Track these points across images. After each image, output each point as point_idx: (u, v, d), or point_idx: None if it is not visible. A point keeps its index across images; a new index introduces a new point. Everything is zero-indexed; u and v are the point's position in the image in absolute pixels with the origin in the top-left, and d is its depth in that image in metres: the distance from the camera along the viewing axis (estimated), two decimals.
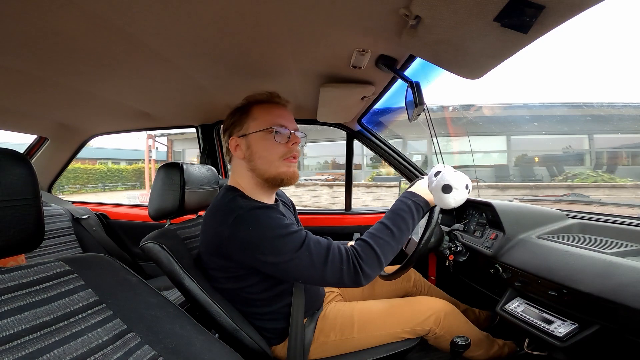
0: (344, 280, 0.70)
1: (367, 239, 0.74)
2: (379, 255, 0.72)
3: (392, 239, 0.74)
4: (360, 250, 0.72)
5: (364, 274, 0.70)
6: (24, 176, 0.44)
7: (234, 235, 0.71)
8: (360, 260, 0.70)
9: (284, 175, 0.81)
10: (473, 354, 0.96)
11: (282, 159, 0.81)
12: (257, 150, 0.81)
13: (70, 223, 1.58)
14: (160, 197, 0.98)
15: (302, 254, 0.68)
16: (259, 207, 0.75)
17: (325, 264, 0.69)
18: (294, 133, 0.83)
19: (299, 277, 0.71)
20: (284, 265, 0.69)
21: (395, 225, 0.76)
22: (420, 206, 0.81)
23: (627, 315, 0.62)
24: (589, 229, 0.97)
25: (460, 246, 1.09)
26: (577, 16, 0.46)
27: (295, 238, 0.70)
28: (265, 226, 0.70)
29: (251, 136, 0.81)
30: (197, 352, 0.51)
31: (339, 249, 0.71)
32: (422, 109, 0.77)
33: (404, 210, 0.79)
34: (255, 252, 0.70)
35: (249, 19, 0.63)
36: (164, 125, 1.67)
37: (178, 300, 1.24)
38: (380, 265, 0.72)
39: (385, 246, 0.73)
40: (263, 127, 0.80)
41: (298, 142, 0.84)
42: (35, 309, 0.44)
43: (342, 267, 0.69)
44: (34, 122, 1.47)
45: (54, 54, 0.74)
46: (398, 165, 1.56)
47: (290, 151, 0.82)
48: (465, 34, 0.56)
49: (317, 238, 0.73)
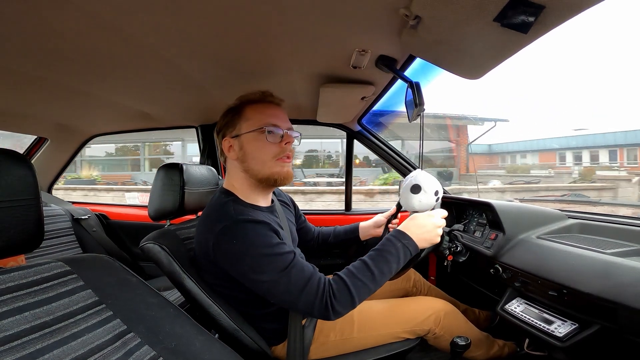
0: (314, 312, 0.70)
1: (345, 278, 0.72)
2: (354, 296, 0.70)
3: (370, 281, 0.72)
4: (335, 288, 0.70)
5: (334, 312, 0.69)
6: (24, 176, 0.44)
7: (219, 244, 0.71)
8: (333, 298, 0.69)
9: (278, 176, 0.81)
10: (473, 354, 0.96)
11: (275, 159, 0.80)
12: (250, 151, 0.80)
13: (70, 223, 1.58)
14: (160, 198, 0.98)
15: (281, 279, 0.68)
16: (249, 220, 0.72)
17: (300, 293, 0.68)
18: (287, 132, 0.82)
19: (272, 298, 0.71)
20: (261, 285, 0.70)
21: (377, 267, 0.73)
22: (409, 250, 0.77)
23: (627, 315, 0.62)
24: (588, 229, 0.97)
25: (460, 246, 1.09)
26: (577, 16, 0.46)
27: (278, 260, 0.69)
28: (250, 242, 0.70)
29: (244, 137, 0.80)
30: (197, 352, 0.51)
31: (318, 282, 0.70)
32: (422, 109, 0.77)
33: (390, 253, 0.75)
34: (235, 265, 0.71)
35: (249, 19, 0.63)
36: (164, 125, 1.67)
37: (178, 301, 1.24)
38: (352, 306, 0.71)
39: (361, 288, 0.71)
40: (255, 127, 0.80)
41: (291, 141, 0.83)
42: (35, 310, 0.43)
43: (314, 300, 0.68)
44: (34, 122, 1.47)
45: (54, 54, 0.74)
46: (398, 166, 1.56)
47: (284, 151, 0.81)
48: (465, 34, 0.56)
49: (302, 265, 0.71)
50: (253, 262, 0.69)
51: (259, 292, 0.72)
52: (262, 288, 0.70)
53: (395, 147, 1.58)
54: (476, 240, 1.11)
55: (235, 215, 0.73)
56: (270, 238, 0.72)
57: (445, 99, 17.72)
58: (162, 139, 10.94)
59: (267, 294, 0.71)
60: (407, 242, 0.77)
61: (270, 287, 0.69)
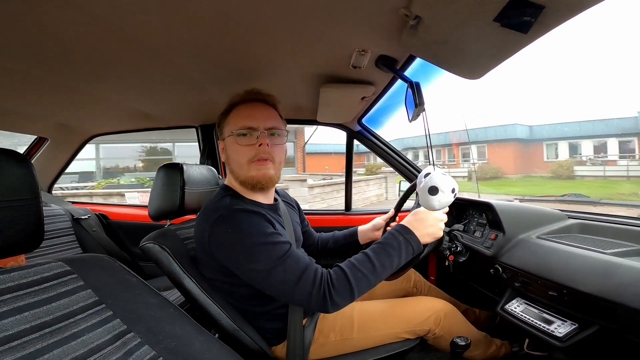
0: (311, 304, 0.68)
1: (345, 268, 0.71)
2: (353, 288, 0.69)
3: (371, 273, 0.71)
4: (334, 278, 0.69)
5: (332, 303, 0.68)
6: (24, 176, 0.44)
7: (214, 233, 0.71)
8: (332, 288, 0.68)
9: (253, 180, 0.79)
10: (471, 354, 0.96)
11: (250, 162, 0.78)
12: (230, 154, 0.82)
13: (70, 223, 1.57)
14: (160, 198, 0.98)
15: (275, 268, 0.68)
16: (244, 209, 0.72)
17: (296, 284, 0.68)
18: (262, 133, 0.78)
19: (268, 289, 0.70)
20: (255, 274, 0.69)
21: (379, 260, 0.73)
22: (412, 246, 0.76)
23: (627, 315, 0.62)
24: (588, 229, 0.97)
25: (460, 246, 1.09)
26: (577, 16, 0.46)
27: (273, 250, 0.69)
28: (244, 231, 0.69)
29: (226, 140, 0.82)
30: (197, 353, 0.51)
31: (314, 272, 0.69)
32: (422, 109, 0.77)
33: (392, 247, 0.75)
34: (230, 254, 0.71)
35: (249, 19, 0.63)
36: (164, 125, 1.67)
37: (178, 301, 1.24)
38: (352, 297, 0.70)
39: (362, 280, 0.70)
40: (232, 130, 0.80)
41: (265, 142, 0.77)
42: (35, 310, 0.43)
43: (312, 290, 0.67)
44: (34, 122, 1.46)
45: (54, 54, 0.74)
46: (398, 166, 1.56)
47: (258, 153, 0.77)
48: (465, 34, 0.56)
49: (298, 256, 0.71)
50: (247, 250, 0.69)
51: (254, 283, 0.71)
52: (256, 278, 0.70)
53: (395, 147, 1.58)
54: (476, 240, 1.11)
55: (230, 206, 0.74)
56: (265, 227, 0.71)
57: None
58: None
59: (262, 284, 0.70)
60: (409, 236, 0.77)
61: (265, 277, 0.68)
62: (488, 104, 32.77)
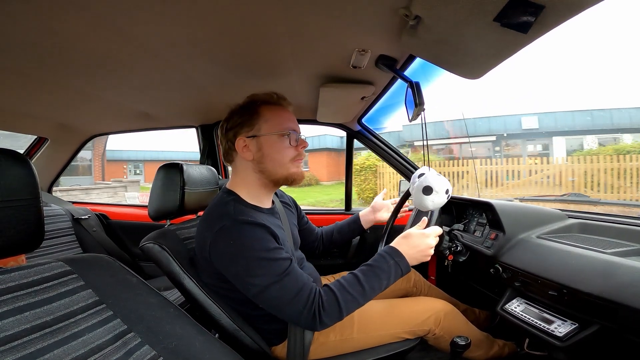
0: (301, 322, 0.71)
1: (335, 290, 0.73)
2: (342, 309, 0.72)
3: (360, 295, 0.74)
4: (325, 300, 0.71)
5: (321, 323, 0.70)
6: (24, 176, 0.44)
7: (215, 243, 0.72)
8: (322, 309, 0.70)
9: (296, 176, 0.85)
10: (473, 355, 0.96)
11: (292, 161, 0.84)
12: (268, 153, 0.81)
13: (70, 223, 1.58)
14: (160, 198, 0.98)
15: (273, 285, 0.69)
16: (247, 222, 0.73)
17: (289, 302, 0.69)
18: (301, 137, 0.87)
19: (261, 302, 0.72)
20: (252, 288, 0.70)
21: (368, 283, 0.75)
22: (401, 269, 0.78)
23: (627, 315, 0.62)
24: (589, 229, 0.97)
25: (460, 246, 1.09)
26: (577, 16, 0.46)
27: (274, 265, 0.70)
28: (247, 245, 0.70)
29: (263, 138, 0.81)
30: (197, 353, 0.51)
31: (309, 292, 0.71)
32: (422, 109, 0.77)
33: (382, 270, 0.76)
34: (229, 266, 0.71)
35: (248, 19, 0.63)
36: (164, 125, 1.67)
37: (178, 301, 1.24)
38: (340, 318, 0.72)
39: (351, 302, 0.73)
40: (276, 130, 0.82)
41: (306, 145, 0.87)
42: (36, 309, 0.44)
43: (303, 310, 0.69)
44: (34, 122, 1.47)
45: (54, 54, 0.74)
46: (398, 166, 1.56)
47: (300, 154, 0.85)
48: (465, 34, 0.56)
49: (296, 275, 0.72)
50: (247, 264, 0.69)
51: (248, 295, 0.72)
52: (252, 290, 0.71)
53: (395, 147, 1.58)
54: (476, 240, 1.11)
55: (234, 215, 0.74)
56: (268, 242, 0.72)
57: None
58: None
59: (257, 297, 0.71)
60: (399, 259, 0.78)
61: (260, 291, 0.70)
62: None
